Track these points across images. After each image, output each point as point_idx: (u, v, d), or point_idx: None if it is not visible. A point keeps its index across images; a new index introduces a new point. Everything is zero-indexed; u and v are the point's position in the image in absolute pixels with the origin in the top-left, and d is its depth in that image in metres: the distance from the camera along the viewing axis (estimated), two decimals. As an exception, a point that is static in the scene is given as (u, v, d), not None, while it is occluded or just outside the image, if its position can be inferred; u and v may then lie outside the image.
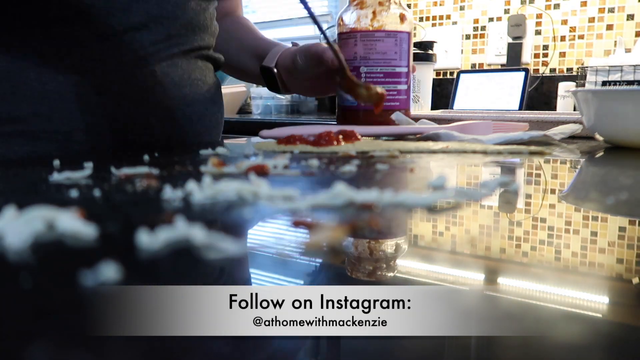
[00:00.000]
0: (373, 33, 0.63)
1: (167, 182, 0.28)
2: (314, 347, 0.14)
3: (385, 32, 0.63)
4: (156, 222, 0.19)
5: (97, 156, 0.44)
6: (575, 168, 0.42)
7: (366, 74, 0.63)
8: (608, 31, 1.49)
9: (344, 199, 0.23)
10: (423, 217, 0.23)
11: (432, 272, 0.17)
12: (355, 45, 0.63)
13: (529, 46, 1.59)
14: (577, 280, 0.16)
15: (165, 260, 0.17)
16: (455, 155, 0.44)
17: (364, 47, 0.63)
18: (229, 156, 0.43)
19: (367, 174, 0.34)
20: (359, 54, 0.63)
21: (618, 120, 0.49)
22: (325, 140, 0.45)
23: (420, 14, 1.79)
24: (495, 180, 0.29)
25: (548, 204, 0.28)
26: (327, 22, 2.03)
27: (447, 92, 1.68)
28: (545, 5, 1.57)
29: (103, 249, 0.18)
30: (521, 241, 0.21)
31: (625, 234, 0.22)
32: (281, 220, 0.22)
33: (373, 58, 0.63)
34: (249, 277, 0.17)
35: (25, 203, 0.19)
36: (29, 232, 0.18)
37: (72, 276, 0.14)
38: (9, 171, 0.37)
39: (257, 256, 0.18)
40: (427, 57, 1.37)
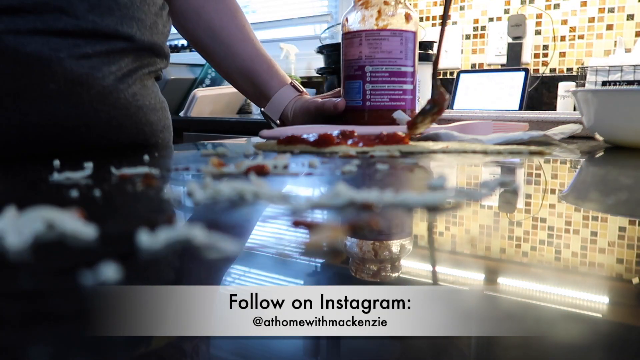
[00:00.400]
0: (378, 32, 0.63)
1: (167, 182, 0.28)
2: (314, 347, 0.14)
3: (391, 31, 0.63)
4: (156, 222, 0.19)
5: (97, 156, 0.44)
6: (575, 168, 0.42)
7: (371, 73, 0.63)
8: (608, 31, 1.49)
9: (344, 199, 0.23)
10: (423, 217, 0.23)
11: (432, 272, 0.17)
12: (360, 45, 0.63)
13: (529, 46, 1.59)
14: (577, 280, 0.16)
15: (165, 260, 0.17)
16: (455, 155, 0.44)
17: (369, 46, 0.63)
18: (229, 156, 0.43)
19: (367, 174, 0.34)
20: (364, 53, 0.63)
21: (618, 120, 0.49)
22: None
23: (420, 14, 1.79)
24: (495, 180, 0.29)
25: (548, 204, 0.28)
26: (327, 22, 2.03)
27: (447, 92, 1.68)
28: (545, 5, 1.57)
29: (103, 249, 0.18)
30: (521, 241, 0.21)
31: (625, 234, 0.22)
32: (281, 220, 0.22)
33: (378, 57, 0.63)
34: (249, 278, 0.17)
35: (25, 203, 0.19)
36: (29, 232, 0.18)
37: (72, 276, 0.14)
38: (9, 171, 0.37)
39: (257, 256, 0.18)
40: (427, 57, 1.37)
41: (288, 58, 1.99)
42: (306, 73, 2.07)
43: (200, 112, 1.64)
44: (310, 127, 0.56)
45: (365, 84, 0.64)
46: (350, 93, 0.65)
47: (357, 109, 0.65)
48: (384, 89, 0.64)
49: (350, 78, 0.65)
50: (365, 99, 0.64)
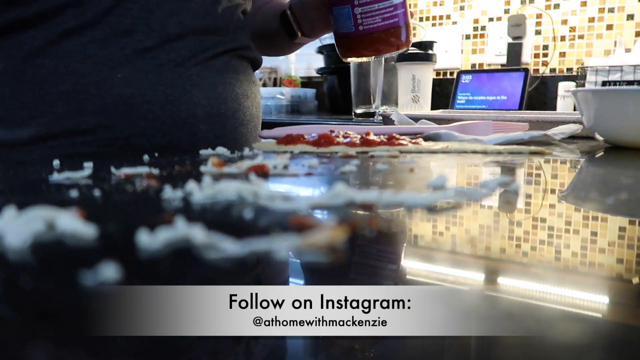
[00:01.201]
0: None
1: (167, 182, 0.28)
2: (313, 347, 0.14)
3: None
4: (156, 222, 0.19)
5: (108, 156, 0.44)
6: (575, 168, 0.42)
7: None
8: (608, 31, 1.49)
9: (344, 199, 0.23)
10: (423, 217, 0.23)
11: (432, 272, 0.17)
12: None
13: (529, 46, 1.59)
14: (577, 280, 0.16)
15: (165, 260, 0.17)
16: (455, 155, 0.44)
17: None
18: (229, 156, 0.43)
19: (367, 174, 0.34)
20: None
21: (618, 120, 0.49)
22: None
23: (420, 14, 1.79)
24: (495, 180, 0.29)
25: (548, 204, 0.28)
26: None
27: (447, 92, 1.68)
28: (545, 5, 1.57)
29: (103, 249, 0.18)
30: (521, 241, 0.21)
31: (625, 234, 0.22)
32: (281, 220, 0.22)
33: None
34: (250, 278, 0.17)
35: (25, 203, 0.19)
36: (29, 232, 0.18)
37: (72, 276, 0.14)
38: (9, 171, 0.37)
39: (257, 256, 0.18)
40: (427, 57, 1.37)
41: (288, 58, 1.99)
42: (306, 73, 2.07)
43: (200, 112, 1.64)
44: (310, 127, 0.56)
45: (355, 8, 0.59)
46: (339, 20, 0.61)
47: (350, 35, 0.60)
48: (374, 10, 0.59)
49: (336, 3, 0.60)
50: (357, 24, 0.59)
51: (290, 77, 1.96)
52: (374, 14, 0.59)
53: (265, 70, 2.06)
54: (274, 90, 1.83)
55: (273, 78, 2.08)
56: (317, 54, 1.70)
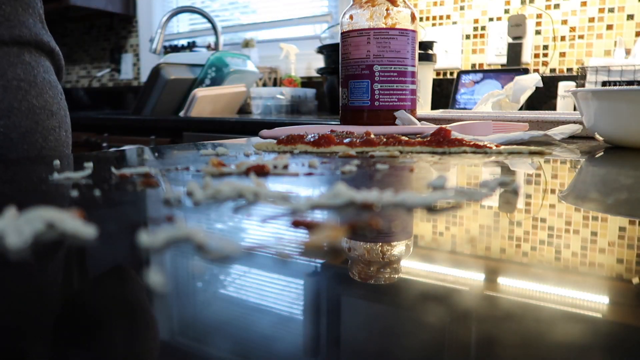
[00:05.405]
0: (387, 31, 0.62)
1: (167, 182, 0.28)
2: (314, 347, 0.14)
3: (399, 30, 0.62)
4: (156, 222, 0.19)
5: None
6: (575, 168, 0.42)
7: (380, 72, 0.62)
8: (608, 31, 1.49)
9: (344, 199, 0.23)
10: (423, 217, 0.23)
11: (432, 272, 0.17)
12: (368, 44, 0.62)
13: (529, 46, 1.59)
14: (577, 280, 0.16)
15: (165, 260, 0.17)
16: (455, 155, 0.44)
17: (377, 45, 0.62)
18: (229, 156, 0.43)
19: (367, 174, 0.34)
20: (372, 52, 0.62)
21: (618, 120, 0.49)
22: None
23: (420, 14, 1.79)
24: (495, 180, 0.29)
25: (548, 204, 0.28)
26: (327, 22, 2.03)
27: (447, 92, 1.68)
28: (545, 5, 1.57)
29: (103, 248, 0.18)
30: (521, 241, 0.21)
31: (625, 234, 0.22)
32: (281, 220, 0.22)
33: (387, 56, 0.62)
34: (249, 278, 0.17)
35: (25, 203, 0.19)
36: (29, 232, 0.18)
37: (72, 276, 0.14)
38: (9, 171, 0.37)
39: (257, 256, 0.18)
40: (427, 57, 1.37)
41: (288, 58, 1.99)
42: (306, 73, 2.07)
43: (200, 112, 1.64)
44: (310, 127, 0.56)
45: (374, 84, 0.63)
46: (356, 93, 0.64)
47: (365, 108, 0.64)
48: (392, 89, 0.63)
49: (356, 77, 0.63)
50: (373, 99, 0.63)
51: (290, 77, 1.96)
52: (391, 92, 0.64)
53: (265, 70, 2.05)
54: (274, 90, 1.83)
55: (273, 78, 2.08)
56: (317, 54, 1.70)
